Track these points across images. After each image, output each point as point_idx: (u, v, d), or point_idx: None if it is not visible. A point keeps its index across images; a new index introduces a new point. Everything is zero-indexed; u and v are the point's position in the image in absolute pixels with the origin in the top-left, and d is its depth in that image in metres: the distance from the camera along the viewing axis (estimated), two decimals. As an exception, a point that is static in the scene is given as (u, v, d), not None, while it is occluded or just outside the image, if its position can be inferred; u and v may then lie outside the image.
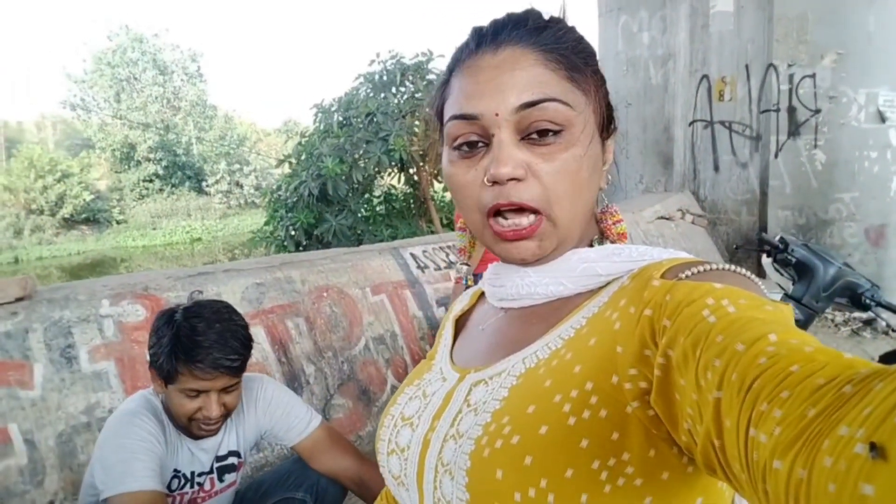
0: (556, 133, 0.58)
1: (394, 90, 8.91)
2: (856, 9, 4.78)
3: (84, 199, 26.04)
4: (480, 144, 0.61)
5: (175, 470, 1.55)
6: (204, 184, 30.58)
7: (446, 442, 0.59)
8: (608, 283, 0.60)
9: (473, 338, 0.74)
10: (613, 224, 0.68)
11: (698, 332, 0.44)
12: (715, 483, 0.54)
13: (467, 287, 2.64)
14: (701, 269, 0.53)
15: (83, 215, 26.46)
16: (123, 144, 29.54)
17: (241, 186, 30.52)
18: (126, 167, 29.78)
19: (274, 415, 1.69)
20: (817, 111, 4.97)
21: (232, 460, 1.65)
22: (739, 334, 0.42)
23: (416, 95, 8.74)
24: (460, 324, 0.81)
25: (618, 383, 0.51)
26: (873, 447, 0.30)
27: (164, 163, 29.85)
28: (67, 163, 26.84)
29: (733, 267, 0.53)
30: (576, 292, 0.62)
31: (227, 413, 1.53)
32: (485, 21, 0.65)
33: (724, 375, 0.40)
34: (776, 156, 5.24)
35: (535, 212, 0.59)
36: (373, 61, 9.04)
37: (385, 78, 8.89)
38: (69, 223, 26.09)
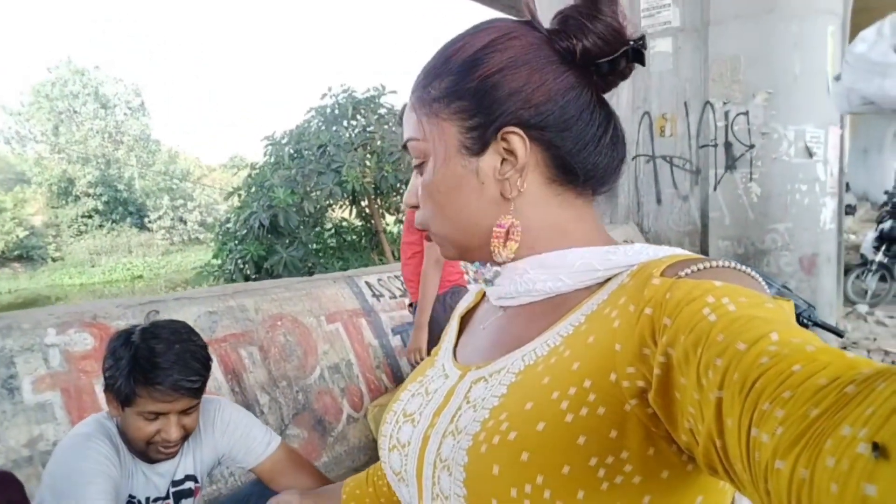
0: (422, 164, 0.67)
1: (345, 123, 8.96)
2: (783, 52, 5.09)
3: (17, 236, 24.97)
4: None
5: (130, 496, 1.49)
6: (146, 220, 29.69)
7: (445, 438, 0.59)
8: (608, 281, 0.60)
9: (476, 335, 0.74)
10: (504, 243, 0.63)
11: (699, 330, 0.44)
12: (715, 481, 0.54)
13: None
14: (701, 266, 0.52)
15: (16, 252, 25.31)
16: (61, 179, 28.50)
17: (185, 222, 29.78)
18: (64, 202, 28.69)
19: (232, 437, 1.65)
20: (751, 146, 5.23)
21: (189, 485, 1.60)
22: (740, 333, 0.42)
23: (368, 129, 8.81)
24: (465, 321, 0.81)
25: (616, 381, 0.51)
26: (876, 447, 0.30)
27: (104, 198, 28.89)
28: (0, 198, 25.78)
29: (733, 263, 0.53)
30: (574, 288, 0.62)
31: (186, 435, 1.49)
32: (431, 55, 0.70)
33: (725, 375, 0.40)
34: (715, 189, 5.47)
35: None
36: (324, 94, 9.09)
37: (337, 111, 8.94)
38: (0, 260, 24.91)
